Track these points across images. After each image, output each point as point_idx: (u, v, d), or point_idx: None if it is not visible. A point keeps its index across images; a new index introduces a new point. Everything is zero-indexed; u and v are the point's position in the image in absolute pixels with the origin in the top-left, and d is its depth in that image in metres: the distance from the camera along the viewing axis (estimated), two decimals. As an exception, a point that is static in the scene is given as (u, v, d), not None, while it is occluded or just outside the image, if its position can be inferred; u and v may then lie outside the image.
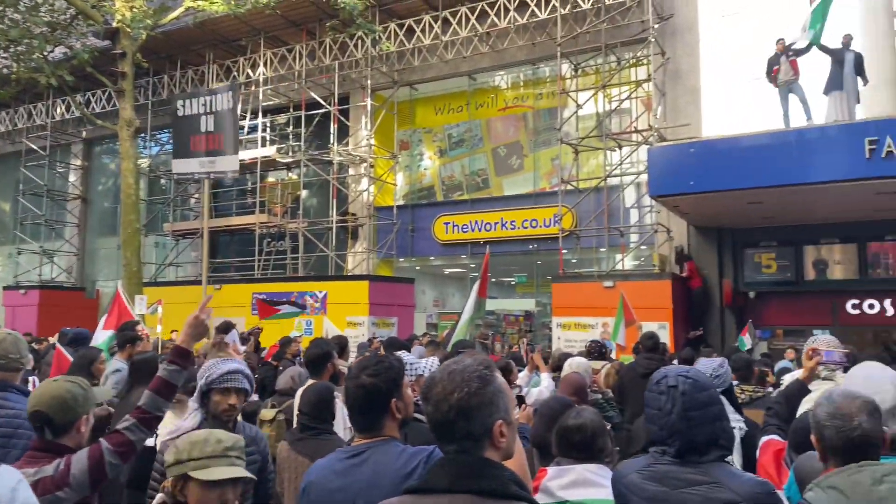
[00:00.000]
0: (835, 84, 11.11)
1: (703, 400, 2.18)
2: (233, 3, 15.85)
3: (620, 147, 14.46)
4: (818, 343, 3.34)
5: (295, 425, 3.88)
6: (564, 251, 14.42)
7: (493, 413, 1.63)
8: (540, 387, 5.40)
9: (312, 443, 3.47)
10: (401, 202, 18.10)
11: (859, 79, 11.21)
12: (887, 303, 12.55)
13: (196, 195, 20.30)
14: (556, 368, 6.07)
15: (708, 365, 3.20)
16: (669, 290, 12.45)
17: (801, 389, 3.18)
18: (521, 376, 5.69)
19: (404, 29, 16.47)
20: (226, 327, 8.75)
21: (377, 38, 16.35)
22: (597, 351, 6.75)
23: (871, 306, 12.68)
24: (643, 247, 14.62)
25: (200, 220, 19.11)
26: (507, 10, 15.17)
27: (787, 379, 3.64)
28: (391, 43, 16.51)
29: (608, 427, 2.62)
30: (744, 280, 13.37)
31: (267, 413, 4.71)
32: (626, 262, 14.33)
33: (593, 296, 12.83)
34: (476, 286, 7.17)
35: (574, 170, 14.60)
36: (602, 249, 14.73)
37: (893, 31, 13.34)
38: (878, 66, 12.20)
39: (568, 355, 6.51)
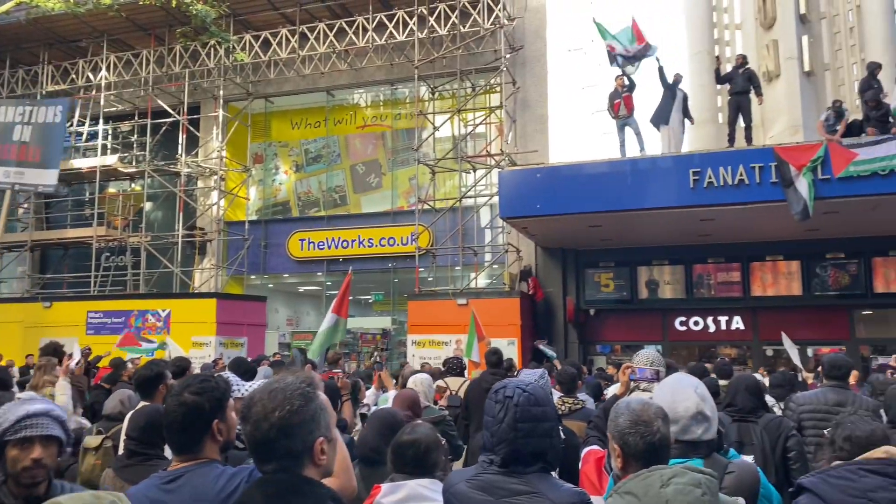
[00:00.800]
0: (664, 117, 12.08)
1: (536, 414, 2.27)
2: (71, 1, 14.79)
3: (475, 169, 14.95)
4: (636, 360, 3.61)
5: (122, 451, 3.64)
6: (421, 269, 14.62)
7: (314, 430, 1.62)
8: (388, 405, 5.41)
9: (140, 469, 3.26)
10: (253, 217, 17.57)
11: (685, 116, 12.28)
12: (710, 320, 13.78)
13: (25, 205, 18.59)
14: (406, 386, 6.10)
15: (530, 375, 3.36)
16: (518, 307, 12.93)
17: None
18: (369, 394, 5.68)
19: (260, 41, 16.11)
20: (53, 349, 8.05)
21: (231, 47, 15.88)
22: (457, 367, 6.86)
23: (696, 323, 13.87)
24: (495, 266, 15.11)
25: (28, 232, 17.55)
26: (365, 30, 15.27)
27: (608, 393, 3.91)
28: (246, 54, 16.08)
29: (443, 442, 2.68)
30: (585, 298, 14.17)
31: (92, 440, 4.37)
32: (480, 281, 14.74)
33: (448, 313, 13.06)
34: (332, 305, 7.07)
35: (431, 190, 14.87)
36: (457, 268, 15.08)
37: (716, 83, 14.77)
38: (702, 105, 13.51)
39: (417, 372, 6.59)
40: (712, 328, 13.75)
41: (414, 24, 14.84)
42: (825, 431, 2.92)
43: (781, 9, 15.37)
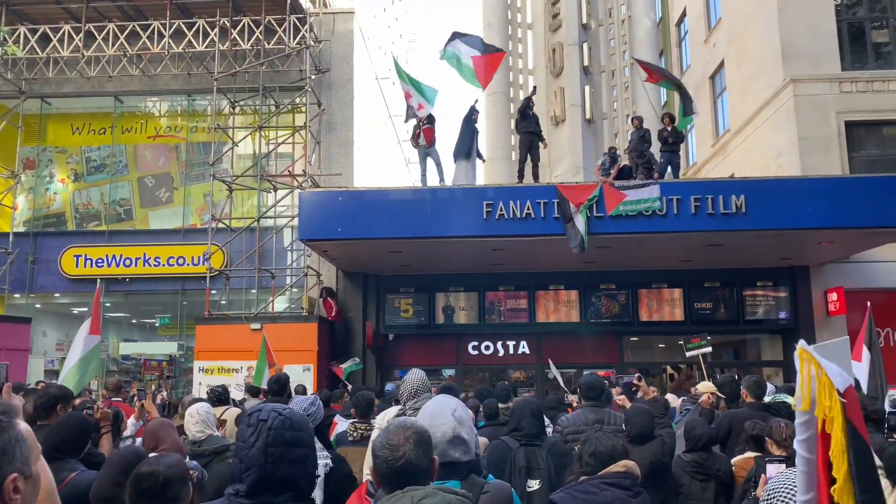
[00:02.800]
0: (462, 152, 12.63)
1: (289, 439, 2.16)
2: None
3: (276, 189, 14.55)
4: (404, 385, 3.67)
5: None
6: (213, 292, 13.87)
7: (4, 465, 1.40)
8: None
9: None
10: (20, 229, 15.60)
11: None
12: (500, 345, 14.47)
13: None
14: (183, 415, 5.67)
15: (301, 402, 3.27)
16: (315, 332, 12.71)
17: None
18: (130, 424, 5.20)
19: (38, 35, 14.55)
20: None
21: (2, 39, 14.17)
22: (216, 397, 6.53)
23: (487, 348, 14.49)
24: (294, 289, 14.74)
25: None
26: (161, 36, 14.39)
27: (380, 417, 3.92)
28: (19, 47, 14.43)
29: (195, 474, 2.47)
30: (385, 323, 14.27)
31: None
32: (279, 305, 14.29)
33: (240, 339, 12.51)
34: (86, 324, 6.43)
35: (228, 208, 14.23)
36: (253, 291, 14.50)
37: (510, 114, 15.76)
38: (497, 142, 14.30)
39: (199, 400, 6.17)
40: (502, 352, 14.44)
41: (215, 35, 14.25)
42: (574, 448, 3.12)
43: (568, 60, 16.90)
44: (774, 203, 10.96)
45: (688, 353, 9.79)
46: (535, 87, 14.29)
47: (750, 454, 4.72)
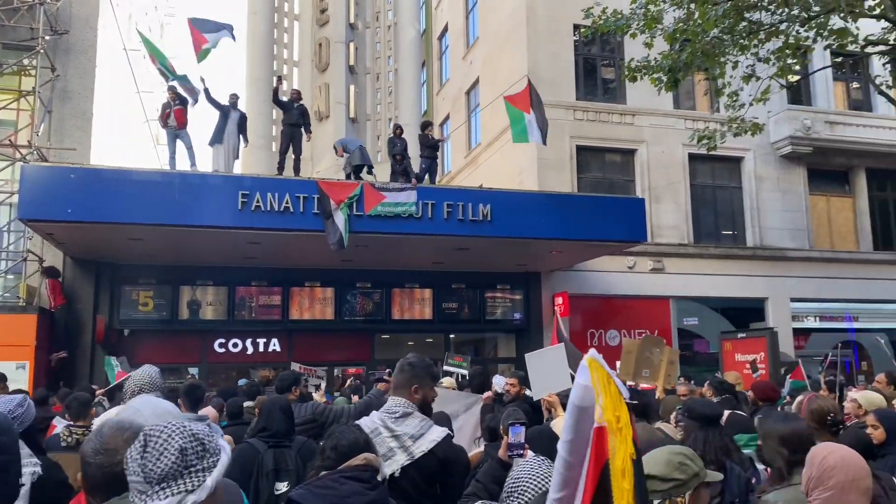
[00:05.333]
0: (219, 137, 12.02)
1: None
2: None
3: (-8, 160, 12.60)
4: (129, 383, 3.43)
5: None
6: None
7: None
8: None
9: None
10: None
11: (241, 137, 12.39)
12: (249, 342, 13.97)
13: None
14: None
15: (6, 403, 2.87)
16: (35, 325, 11.26)
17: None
18: None
19: None
20: None
21: None
22: None
23: (235, 345, 13.91)
24: (10, 276, 12.88)
25: None
26: None
27: (98, 420, 3.60)
28: None
29: None
30: (119, 317, 13.04)
31: None
32: (-13, 293, 12.38)
33: (-67, 331, 10.62)
34: None
35: (-75, 177, 12.01)
36: (-46, 276, 12.41)
37: (272, 103, 15.29)
38: (257, 132, 13.84)
39: None
40: (251, 350, 13.96)
41: (-82, -30, 11.97)
42: (320, 444, 3.10)
43: (334, 56, 16.91)
44: (515, 214, 12.00)
45: (445, 367, 9.61)
46: (279, 77, 13.91)
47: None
